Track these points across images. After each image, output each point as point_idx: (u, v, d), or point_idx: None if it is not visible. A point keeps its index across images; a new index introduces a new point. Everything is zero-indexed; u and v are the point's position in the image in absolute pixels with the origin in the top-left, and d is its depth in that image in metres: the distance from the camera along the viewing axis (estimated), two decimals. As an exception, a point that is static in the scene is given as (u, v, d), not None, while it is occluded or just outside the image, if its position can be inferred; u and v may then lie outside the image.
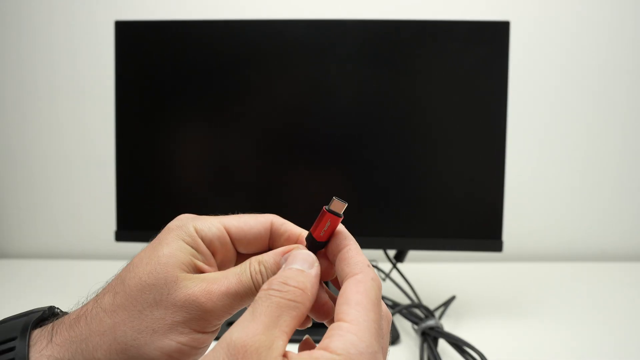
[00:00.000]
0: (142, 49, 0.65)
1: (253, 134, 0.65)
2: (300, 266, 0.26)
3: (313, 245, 0.29)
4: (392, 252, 0.70)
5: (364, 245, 0.69)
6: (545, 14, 0.95)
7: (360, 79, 0.64)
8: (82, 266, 0.90)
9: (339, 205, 0.29)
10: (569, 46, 0.96)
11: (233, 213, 0.34)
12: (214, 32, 0.64)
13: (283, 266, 0.27)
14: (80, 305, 0.29)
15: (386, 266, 0.74)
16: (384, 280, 0.77)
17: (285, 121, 0.65)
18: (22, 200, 1.00)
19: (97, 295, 0.29)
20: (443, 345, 0.56)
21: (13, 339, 0.27)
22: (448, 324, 0.64)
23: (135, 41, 0.65)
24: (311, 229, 0.29)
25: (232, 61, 0.64)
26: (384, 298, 0.69)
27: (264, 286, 0.25)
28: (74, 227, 0.98)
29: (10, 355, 0.26)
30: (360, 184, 0.64)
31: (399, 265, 0.70)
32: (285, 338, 0.23)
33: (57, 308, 0.31)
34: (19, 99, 0.97)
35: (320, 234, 0.29)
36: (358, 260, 0.27)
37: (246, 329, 0.22)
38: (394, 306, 0.66)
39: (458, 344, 0.52)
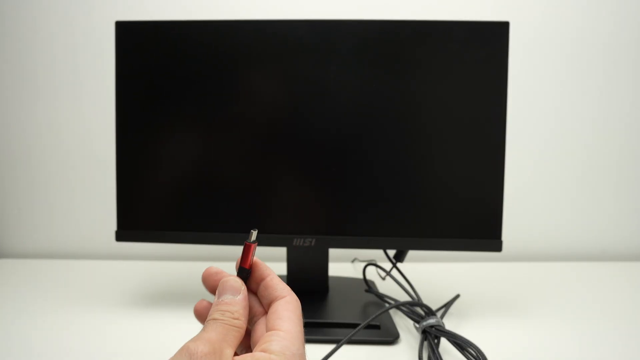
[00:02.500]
0: (142, 49, 0.65)
1: (253, 134, 0.65)
2: (231, 294, 0.33)
3: (241, 274, 0.35)
4: (392, 252, 0.70)
5: (364, 245, 0.69)
6: (545, 14, 0.95)
7: (360, 79, 0.64)
8: (81, 266, 0.90)
9: (252, 236, 0.35)
10: (569, 46, 0.96)
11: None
12: (214, 32, 0.64)
13: (217, 296, 0.33)
14: None
15: (386, 266, 0.74)
16: (383, 279, 0.78)
17: (284, 121, 0.65)
18: (22, 200, 1.00)
19: None
20: (444, 344, 0.56)
21: None
22: (449, 323, 0.64)
23: (136, 41, 0.65)
24: (240, 262, 0.36)
25: (231, 61, 0.64)
26: (385, 297, 0.69)
27: (210, 313, 0.32)
28: (74, 227, 0.98)
29: None
30: (360, 183, 0.64)
31: (399, 264, 0.70)
32: (232, 349, 0.30)
33: None
34: (19, 99, 0.97)
35: (243, 262, 0.35)
36: (283, 286, 0.35)
37: (203, 340, 0.29)
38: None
39: (459, 343, 0.52)
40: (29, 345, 0.57)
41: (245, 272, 0.35)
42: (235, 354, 0.30)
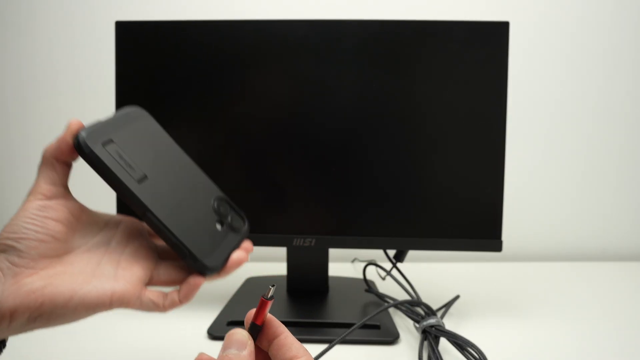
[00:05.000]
0: (142, 49, 0.65)
1: (253, 134, 0.65)
2: (236, 349, 0.31)
3: (252, 330, 0.33)
4: (392, 252, 0.70)
5: (364, 245, 0.69)
6: (545, 14, 0.95)
7: (360, 79, 0.64)
8: (82, 266, 0.90)
9: (270, 292, 0.33)
10: (569, 46, 0.96)
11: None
12: (214, 32, 0.64)
13: (222, 349, 0.32)
14: None
15: (386, 266, 0.74)
16: (383, 279, 0.78)
17: (285, 121, 0.65)
18: (22, 200, 1.00)
19: None
20: (444, 344, 0.56)
21: None
22: (448, 323, 0.64)
23: (136, 41, 0.65)
24: (253, 318, 0.33)
25: (232, 61, 0.64)
26: (385, 297, 0.69)
27: None
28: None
29: None
30: (360, 183, 0.64)
31: (399, 264, 0.70)
32: None
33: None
34: (19, 99, 0.97)
35: (255, 318, 0.33)
36: (298, 345, 0.33)
37: None
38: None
39: (459, 343, 0.52)
40: (29, 345, 0.57)
41: (257, 328, 0.33)
42: None
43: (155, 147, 0.40)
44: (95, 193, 1.04)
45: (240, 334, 0.32)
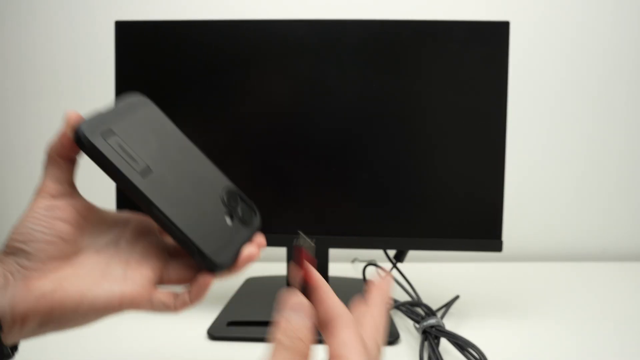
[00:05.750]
0: (142, 49, 0.65)
1: (253, 134, 0.65)
2: (298, 317, 0.29)
3: (303, 289, 0.31)
4: (392, 252, 0.70)
5: (364, 245, 0.69)
6: (545, 14, 0.95)
7: (360, 79, 0.64)
8: (82, 266, 0.90)
9: (302, 239, 0.31)
10: (569, 46, 0.96)
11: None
12: (214, 32, 0.64)
13: (282, 312, 0.29)
14: None
15: (386, 266, 0.74)
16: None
17: (285, 121, 0.65)
18: (23, 200, 0.99)
19: None
20: (444, 345, 0.56)
21: None
22: (449, 323, 0.64)
23: (136, 41, 0.65)
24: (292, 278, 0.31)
25: (232, 61, 0.64)
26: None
27: (277, 334, 0.28)
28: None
29: None
30: (360, 183, 0.64)
31: (399, 264, 0.70)
32: None
33: None
34: (19, 99, 0.97)
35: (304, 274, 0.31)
36: (339, 302, 0.31)
37: None
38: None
39: (459, 343, 0.52)
40: (29, 345, 0.57)
41: (306, 285, 0.31)
42: None
43: (159, 137, 0.38)
44: (94, 186, 1.04)
45: (305, 302, 0.30)
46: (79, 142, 0.33)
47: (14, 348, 0.34)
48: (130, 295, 0.34)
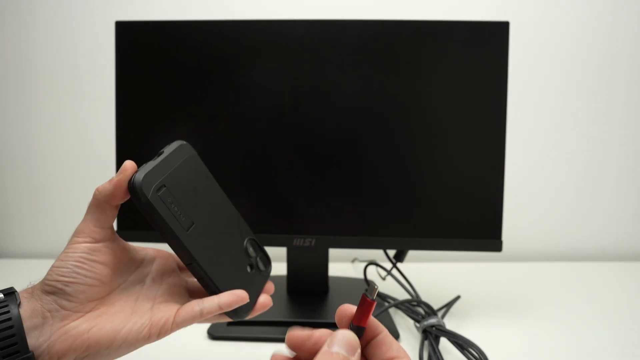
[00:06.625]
0: (142, 49, 0.65)
1: (253, 134, 0.65)
2: (346, 352, 0.29)
3: (357, 332, 0.31)
4: (392, 252, 0.70)
5: (364, 245, 0.69)
6: (545, 14, 0.95)
7: (360, 79, 0.64)
8: (82, 266, 0.90)
9: (374, 292, 0.31)
10: (569, 46, 0.96)
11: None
12: (214, 32, 0.64)
13: (327, 346, 0.30)
14: None
15: (386, 266, 0.74)
16: (384, 279, 0.77)
17: (285, 121, 0.65)
18: (23, 200, 1.00)
19: None
20: (444, 344, 0.56)
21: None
22: (449, 323, 0.64)
23: (136, 41, 0.65)
24: (354, 319, 0.32)
25: (232, 61, 0.64)
26: (386, 297, 0.69)
27: None
28: (74, 227, 0.98)
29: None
30: (360, 183, 0.64)
31: (399, 264, 0.70)
32: None
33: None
34: (19, 99, 0.97)
35: (359, 320, 0.31)
36: (398, 345, 0.31)
37: None
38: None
39: (460, 343, 0.52)
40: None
41: (361, 331, 0.31)
42: None
43: (200, 189, 0.41)
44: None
45: (352, 337, 0.30)
46: (134, 194, 0.35)
47: None
48: (158, 322, 0.36)
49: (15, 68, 0.96)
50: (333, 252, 0.74)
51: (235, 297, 0.38)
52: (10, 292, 0.34)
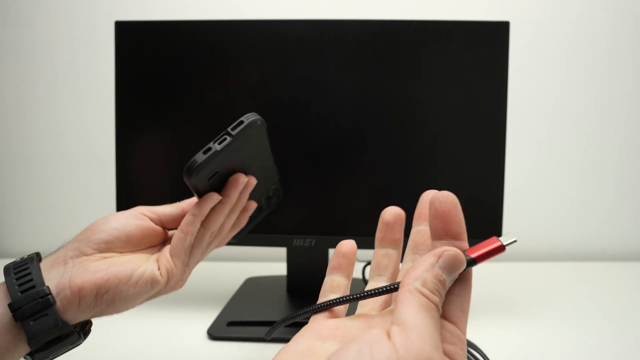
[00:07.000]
0: (142, 49, 0.65)
1: (253, 133, 0.65)
2: (451, 276, 0.27)
3: (469, 263, 0.29)
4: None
5: (364, 245, 0.69)
6: (545, 14, 0.95)
7: (360, 79, 0.64)
8: (82, 266, 0.90)
9: (509, 239, 0.29)
10: (569, 46, 0.96)
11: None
12: (214, 32, 0.64)
13: (436, 263, 0.26)
14: None
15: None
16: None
17: (284, 121, 0.65)
18: (22, 200, 1.00)
19: None
20: (443, 345, 0.56)
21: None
22: (448, 324, 0.64)
23: (135, 41, 0.65)
24: (469, 250, 0.29)
25: (232, 61, 0.64)
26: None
27: (425, 279, 0.25)
28: (74, 227, 0.98)
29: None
30: (360, 183, 0.64)
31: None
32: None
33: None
34: (18, 99, 0.97)
35: (476, 254, 0.29)
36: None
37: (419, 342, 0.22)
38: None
39: (458, 344, 0.52)
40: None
41: (472, 264, 0.29)
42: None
43: (252, 156, 0.48)
44: (95, 193, 1.04)
45: (463, 260, 0.27)
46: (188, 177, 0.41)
47: (83, 331, 0.39)
48: (164, 265, 0.40)
49: (15, 68, 0.96)
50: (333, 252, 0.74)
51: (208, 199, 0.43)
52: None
